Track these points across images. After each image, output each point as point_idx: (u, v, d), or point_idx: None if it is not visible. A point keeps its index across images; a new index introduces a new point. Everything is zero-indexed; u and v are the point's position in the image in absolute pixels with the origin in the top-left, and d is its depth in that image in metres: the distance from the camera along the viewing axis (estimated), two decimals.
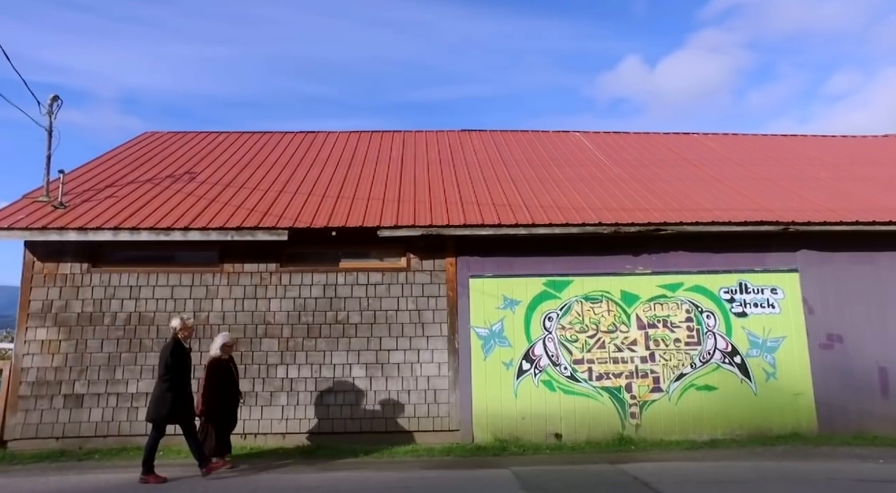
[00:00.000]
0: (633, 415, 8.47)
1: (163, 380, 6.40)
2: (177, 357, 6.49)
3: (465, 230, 8.36)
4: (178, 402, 6.43)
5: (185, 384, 6.58)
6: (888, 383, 8.70)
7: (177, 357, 6.49)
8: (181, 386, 6.51)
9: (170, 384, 6.37)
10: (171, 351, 6.47)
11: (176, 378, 6.43)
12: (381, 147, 12.17)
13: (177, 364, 6.46)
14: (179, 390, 6.48)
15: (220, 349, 7.16)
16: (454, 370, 8.43)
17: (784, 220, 8.63)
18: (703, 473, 6.54)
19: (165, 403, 6.36)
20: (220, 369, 7.08)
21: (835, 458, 7.21)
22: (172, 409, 6.39)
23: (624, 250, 8.80)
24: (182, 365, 6.56)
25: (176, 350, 6.51)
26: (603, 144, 12.65)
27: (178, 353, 6.53)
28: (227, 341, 7.27)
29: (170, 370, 6.38)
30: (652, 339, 8.64)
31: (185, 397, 6.58)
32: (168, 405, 6.36)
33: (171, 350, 6.48)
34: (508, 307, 8.63)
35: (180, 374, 6.51)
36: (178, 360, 6.51)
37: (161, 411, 6.38)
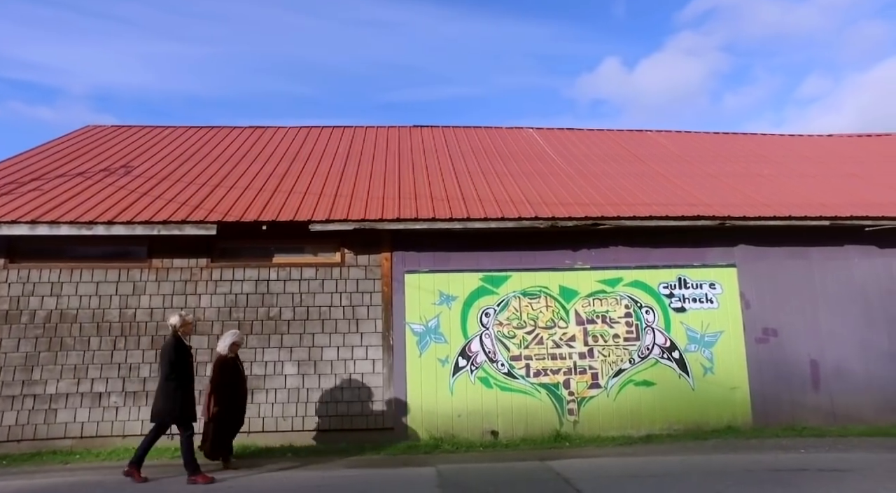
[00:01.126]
0: (571, 412, 8.39)
1: (168, 379, 6.16)
2: (179, 354, 6.27)
3: (399, 225, 8.21)
4: (187, 400, 6.27)
5: (189, 382, 6.39)
6: (819, 376, 8.74)
7: (179, 354, 6.27)
8: (187, 384, 6.32)
9: (177, 383, 6.17)
10: (174, 348, 6.25)
11: (181, 377, 6.24)
12: (328, 142, 11.99)
13: (180, 362, 6.25)
14: (187, 389, 6.30)
15: (228, 348, 6.94)
16: (389, 368, 8.28)
17: (720, 215, 8.63)
18: (627, 468, 6.46)
19: (175, 402, 6.14)
20: (229, 368, 6.87)
21: (760, 450, 7.20)
22: (184, 407, 6.20)
23: (563, 245, 8.73)
24: (185, 363, 6.35)
25: (178, 347, 6.30)
26: (554, 140, 12.60)
27: (180, 350, 6.31)
28: (236, 340, 7.05)
29: (175, 369, 6.17)
30: (591, 335, 8.58)
31: (192, 396, 6.39)
32: (179, 404, 6.16)
33: (173, 347, 6.26)
34: (445, 303, 8.50)
35: (184, 371, 6.31)
36: (181, 357, 6.29)
37: (172, 410, 6.14)
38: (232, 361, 6.98)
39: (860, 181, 10.69)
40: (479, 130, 13.19)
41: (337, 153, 11.28)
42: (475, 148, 11.86)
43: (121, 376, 7.94)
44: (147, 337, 8.09)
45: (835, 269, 9.11)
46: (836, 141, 13.77)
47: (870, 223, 8.84)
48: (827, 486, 5.52)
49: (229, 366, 6.92)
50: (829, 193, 9.87)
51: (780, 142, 13.52)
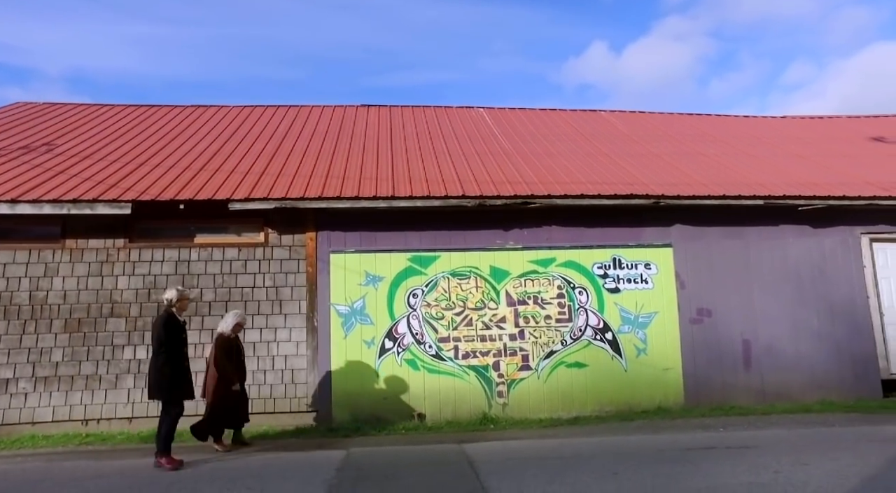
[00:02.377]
0: (501, 394, 8.26)
1: (157, 355, 5.99)
2: (170, 331, 6.02)
3: (322, 203, 7.97)
4: (179, 377, 6.04)
5: (181, 360, 6.16)
6: (750, 356, 8.69)
7: (170, 331, 6.02)
8: (178, 361, 6.09)
9: (166, 358, 5.95)
10: (164, 324, 6.02)
11: (172, 352, 6.00)
12: (270, 121, 11.66)
13: (171, 338, 6.01)
14: (178, 366, 6.07)
15: (231, 328, 6.84)
16: (313, 349, 8.08)
17: (655, 193, 8.48)
18: (540, 450, 6.33)
19: (166, 378, 5.93)
20: (230, 348, 6.78)
21: (682, 430, 7.12)
22: (176, 383, 5.99)
23: (494, 225, 8.54)
24: (178, 339, 6.11)
25: (169, 323, 6.05)
26: (503, 120, 12.37)
27: (171, 326, 6.07)
28: (239, 320, 6.96)
29: (164, 344, 5.95)
30: (522, 316, 8.43)
31: (186, 373, 6.18)
32: (170, 380, 5.94)
33: (163, 323, 6.03)
34: (371, 284, 8.30)
35: (176, 348, 6.07)
36: (173, 334, 6.04)
37: (167, 388, 5.95)
38: (234, 341, 6.88)
39: (802, 162, 10.60)
40: (428, 109, 12.91)
41: (276, 132, 10.97)
42: (420, 128, 11.60)
43: (30, 361, 7.67)
44: (60, 320, 7.81)
45: (770, 248, 9.02)
46: (788, 122, 13.68)
47: (803, 203, 8.74)
48: (725, 463, 5.44)
49: (231, 345, 6.82)
50: (769, 173, 9.76)
51: (732, 123, 13.39)
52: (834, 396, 8.71)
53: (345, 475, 5.46)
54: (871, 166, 10.42)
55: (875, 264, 9.24)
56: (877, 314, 9.03)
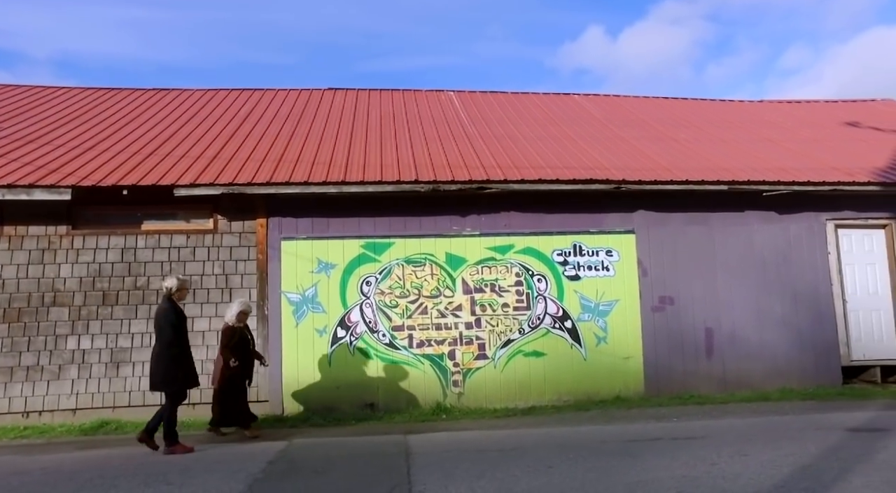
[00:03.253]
0: (456, 383, 8.12)
1: (169, 346, 5.93)
2: (176, 318, 6.06)
3: (270, 189, 7.74)
4: (188, 367, 6.10)
5: (187, 348, 6.21)
6: (713, 344, 8.57)
7: (176, 318, 6.06)
8: (187, 351, 6.16)
9: (180, 349, 6.01)
10: (173, 312, 6.04)
11: (181, 342, 6.04)
12: (232, 105, 11.35)
13: (177, 327, 6.03)
14: (187, 355, 6.14)
15: (235, 318, 6.75)
16: (263, 338, 7.89)
17: (615, 178, 8.28)
18: (484, 442, 6.19)
19: (178, 368, 5.94)
20: (237, 337, 6.71)
21: (635, 420, 6.99)
22: (187, 374, 6.04)
23: (451, 211, 8.33)
24: (180, 329, 6.11)
25: (174, 312, 6.07)
26: (472, 104, 12.10)
27: (178, 315, 6.10)
28: (243, 308, 6.87)
29: (172, 335, 5.94)
30: (478, 304, 8.25)
31: (192, 363, 6.21)
32: (180, 371, 5.97)
33: (172, 311, 6.05)
34: (323, 271, 8.10)
35: (183, 338, 6.11)
36: (178, 322, 6.07)
37: (174, 378, 5.94)
38: (240, 330, 6.81)
39: (772, 147, 10.39)
40: (397, 93, 12.60)
41: (236, 116, 10.67)
42: (385, 112, 11.32)
43: None
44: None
45: (735, 235, 8.86)
46: (766, 107, 13.45)
47: (767, 188, 8.57)
48: (665, 455, 5.30)
49: (237, 335, 6.75)
50: (736, 158, 9.55)
51: (709, 107, 13.16)
52: (795, 383, 8.61)
53: (275, 468, 5.30)
54: (840, 151, 10.24)
55: (840, 251, 9.09)
56: (840, 301, 8.90)
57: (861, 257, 9.21)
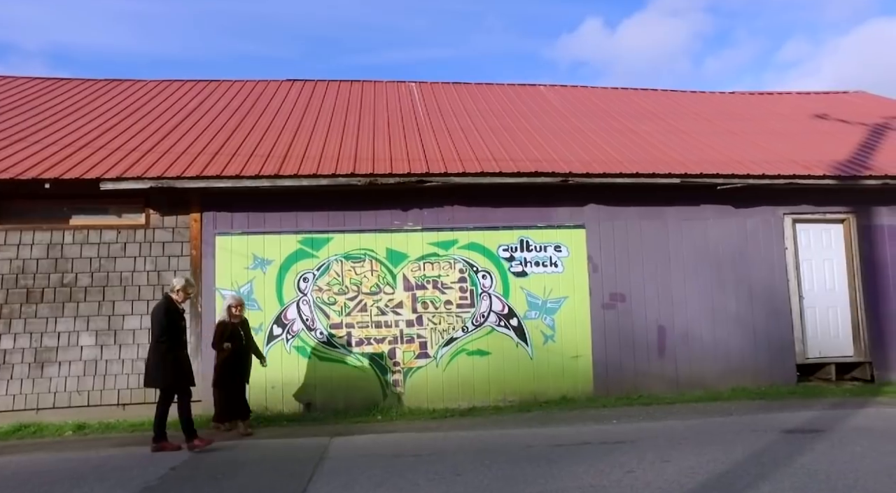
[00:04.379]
0: (396, 383, 7.88)
1: (159, 342, 5.92)
2: (171, 318, 6.01)
3: (201, 183, 7.46)
4: (182, 365, 6.06)
5: (182, 348, 6.18)
6: (665, 342, 8.33)
7: (171, 318, 6.01)
8: (180, 349, 6.11)
9: (168, 346, 5.92)
10: (166, 311, 6.00)
11: (173, 340, 5.99)
12: (182, 97, 11.05)
13: (171, 326, 5.99)
14: (181, 354, 6.10)
15: (226, 312, 6.79)
16: (197, 336, 7.65)
17: (562, 171, 8.01)
18: (406, 445, 5.96)
19: (168, 367, 5.90)
20: (228, 332, 6.68)
21: (573, 422, 6.76)
22: (178, 372, 5.98)
23: (392, 205, 8.06)
24: (177, 327, 6.10)
25: (169, 310, 6.04)
26: (431, 95, 11.81)
27: (171, 313, 6.05)
28: (231, 303, 6.84)
29: (165, 332, 5.91)
30: (420, 301, 8.01)
31: (187, 361, 6.19)
32: (171, 369, 5.93)
33: (165, 310, 6.01)
34: (259, 267, 7.84)
35: (177, 336, 6.06)
36: (173, 321, 6.03)
37: (166, 376, 5.92)
38: (233, 325, 6.75)
39: (733, 139, 10.12)
40: (356, 84, 12.30)
41: (184, 108, 10.36)
42: (340, 103, 11.02)
43: None
44: None
45: (689, 229, 8.60)
46: (737, 98, 13.16)
47: (721, 181, 8.30)
48: (584, 461, 5.07)
49: (228, 330, 6.70)
50: (693, 151, 9.29)
51: (678, 98, 12.87)
52: (749, 382, 8.39)
53: (176, 473, 5.07)
54: (802, 144, 9.98)
55: (797, 246, 8.85)
56: (796, 298, 8.66)
57: (819, 253, 8.97)
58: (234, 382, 6.75)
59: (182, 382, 6.05)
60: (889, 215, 8.86)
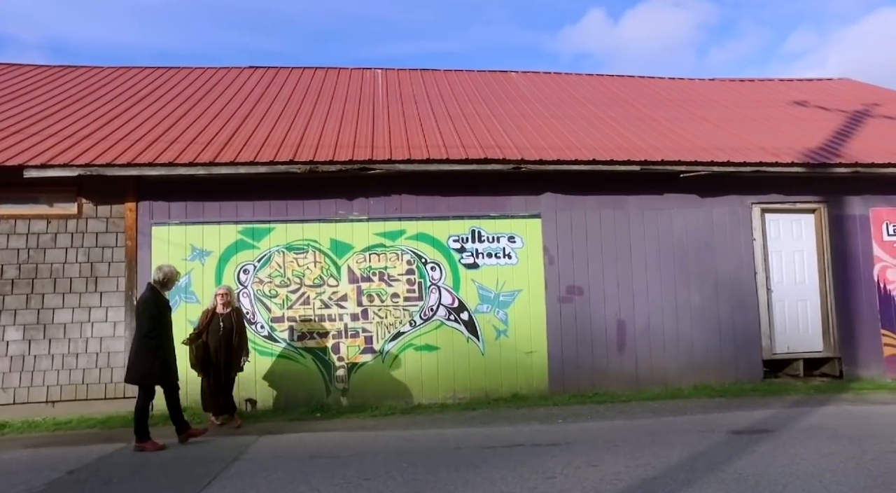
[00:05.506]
0: (341, 379, 7.56)
1: (148, 338, 5.66)
2: (160, 310, 5.81)
3: (133, 170, 7.12)
4: (168, 359, 5.83)
5: (170, 341, 5.94)
6: (625, 338, 7.97)
7: (160, 310, 5.81)
8: (168, 343, 5.88)
9: (159, 342, 5.71)
10: (155, 303, 5.78)
11: (162, 335, 5.78)
12: (134, 85, 10.69)
13: (160, 318, 5.78)
14: (169, 348, 5.87)
15: (212, 300, 6.75)
16: (132, 330, 7.32)
17: (513, 158, 7.65)
18: (328, 445, 5.63)
19: (154, 361, 5.66)
20: (208, 321, 6.58)
21: (516, 421, 6.43)
22: (164, 370, 5.75)
23: (336, 194, 7.71)
24: (164, 320, 5.87)
25: (157, 302, 5.82)
26: (396, 82, 11.42)
27: (160, 305, 5.84)
28: (216, 291, 6.75)
29: (155, 326, 5.69)
30: (365, 294, 7.68)
31: (173, 355, 5.95)
32: (159, 366, 5.69)
33: (153, 302, 5.77)
34: (198, 258, 7.52)
35: (164, 330, 5.84)
36: (161, 313, 5.83)
37: (150, 371, 5.66)
38: (217, 315, 6.60)
39: (705, 125, 9.71)
40: (320, 70, 11.92)
41: (133, 96, 9.98)
42: (298, 90, 10.65)
43: None
44: None
45: (652, 220, 8.22)
46: (717, 85, 12.72)
47: (684, 169, 7.91)
48: (509, 465, 4.75)
49: (208, 318, 6.57)
50: (657, 137, 8.89)
51: (655, 85, 12.44)
52: (713, 379, 8.04)
53: (72, 477, 4.77)
54: (776, 131, 9.56)
55: (766, 237, 8.46)
56: (764, 291, 8.29)
57: (789, 244, 8.58)
58: (209, 375, 6.52)
59: (167, 378, 5.85)
60: (861, 205, 8.47)
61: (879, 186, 8.44)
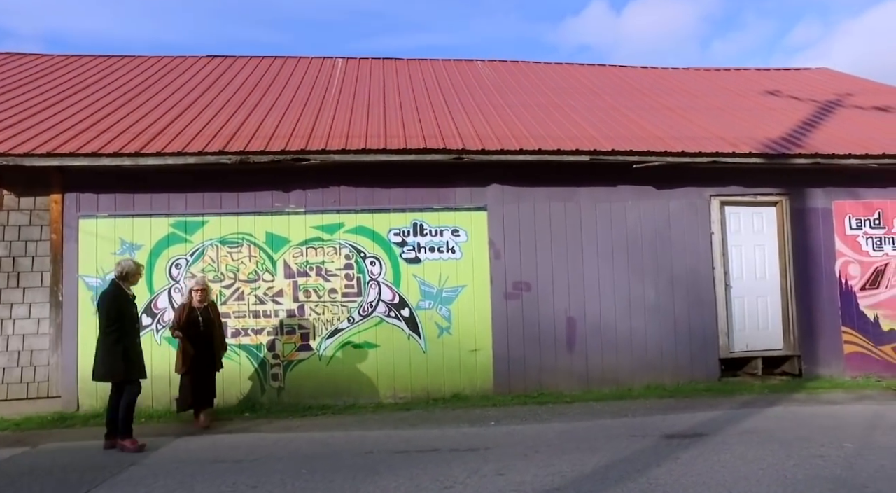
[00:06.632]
0: (276, 377, 7.29)
1: (107, 334, 5.48)
2: (120, 305, 5.59)
3: (54, 161, 6.83)
4: (133, 355, 5.60)
5: (135, 336, 5.75)
6: (575, 335, 7.67)
7: (120, 305, 5.59)
8: (131, 338, 5.65)
9: (118, 336, 5.49)
10: (114, 298, 5.58)
11: (123, 329, 5.54)
12: (82, 74, 10.39)
13: (121, 313, 5.57)
14: (132, 343, 5.64)
15: (186, 296, 6.52)
16: (57, 327, 7.09)
17: (454, 147, 7.33)
18: (238, 448, 5.36)
19: (117, 356, 5.45)
20: (183, 317, 6.32)
21: (446, 423, 6.14)
22: (129, 361, 5.52)
23: (272, 185, 7.42)
24: (128, 315, 5.67)
25: (118, 297, 5.61)
26: (354, 71, 11.09)
27: (120, 300, 5.62)
28: (193, 286, 6.50)
29: (114, 321, 5.49)
30: (302, 289, 7.39)
31: (138, 350, 5.74)
32: (122, 360, 5.46)
33: (113, 297, 5.58)
34: (128, 252, 7.21)
35: (127, 324, 5.62)
36: (123, 308, 5.61)
37: (116, 368, 5.45)
38: (194, 309, 6.39)
39: (669, 114, 9.35)
40: (278, 60, 11.56)
41: (74, 85, 9.61)
42: (251, 81, 10.27)
43: None
44: None
45: (605, 213, 7.89)
46: (690, 74, 12.33)
47: (637, 160, 7.58)
48: (412, 471, 4.50)
49: (185, 314, 6.33)
50: (611, 126, 8.55)
51: (625, 74, 12.06)
52: (667, 378, 7.74)
53: None
54: (741, 121, 9.20)
55: (726, 230, 8.13)
56: (722, 287, 7.97)
57: (749, 238, 8.25)
58: (189, 371, 6.29)
59: (133, 373, 5.59)
60: (824, 198, 8.13)
61: (842, 179, 8.09)
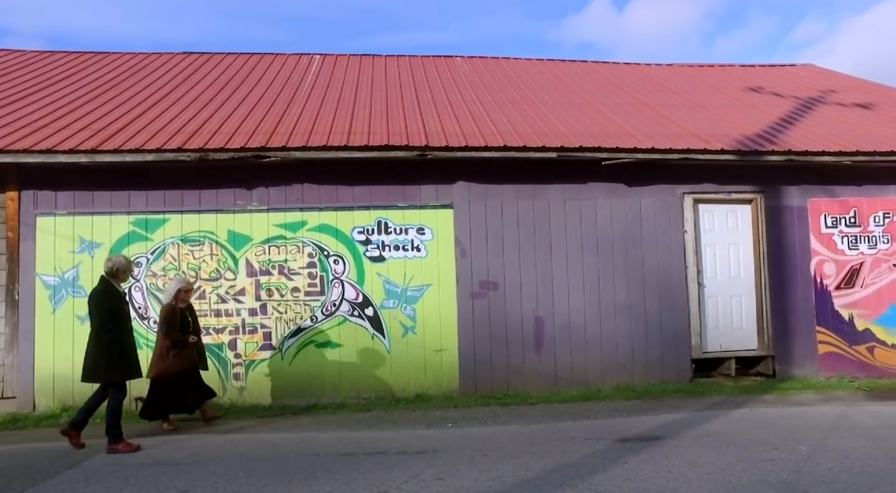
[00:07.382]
0: (238, 377, 7.19)
1: (99, 333, 5.35)
2: (113, 302, 5.47)
3: (7, 157, 6.71)
4: (127, 353, 5.47)
5: (128, 334, 5.61)
6: (543, 335, 7.54)
7: (113, 302, 5.47)
8: (125, 337, 5.53)
9: (112, 336, 5.35)
10: (106, 295, 5.46)
11: (117, 328, 5.41)
12: (53, 69, 10.26)
13: (115, 311, 5.45)
14: (126, 342, 5.52)
15: (173, 297, 6.22)
16: (13, 327, 7.00)
17: (418, 144, 7.20)
18: (185, 450, 5.26)
19: (113, 357, 5.33)
20: (173, 321, 6.14)
21: (403, 424, 6.02)
22: (126, 361, 5.42)
23: (234, 183, 7.30)
24: (121, 312, 5.55)
25: (110, 294, 5.50)
26: (329, 68, 10.96)
27: (113, 297, 5.51)
28: (181, 287, 6.32)
29: (109, 320, 5.35)
30: (264, 288, 7.28)
31: (133, 348, 5.61)
32: (117, 361, 5.36)
33: (104, 294, 5.46)
34: (87, 251, 7.14)
35: (120, 322, 5.49)
36: (116, 306, 5.50)
37: (111, 370, 5.35)
38: (181, 311, 6.27)
39: (645, 110, 9.19)
40: (254, 57, 11.44)
41: (40, 82, 9.49)
42: (223, 78, 10.15)
43: None
44: None
45: (575, 210, 7.75)
46: (673, 70, 12.16)
47: (606, 156, 7.44)
48: (351, 475, 4.39)
49: (175, 317, 6.16)
50: (581, 122, 8.39)
51: (606, 70, 11.91)
52: (637, 379, 7.61)
53: None
54: (717, 117, 9.04)
55: (699, 229, 7.99)
56: (695, 286, 7.82)
57: (724, 236, 8.10)
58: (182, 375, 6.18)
59: (132, 373, 5.49)
60: (799, 195, 7.97)
61: (817, 176, 7.93)
